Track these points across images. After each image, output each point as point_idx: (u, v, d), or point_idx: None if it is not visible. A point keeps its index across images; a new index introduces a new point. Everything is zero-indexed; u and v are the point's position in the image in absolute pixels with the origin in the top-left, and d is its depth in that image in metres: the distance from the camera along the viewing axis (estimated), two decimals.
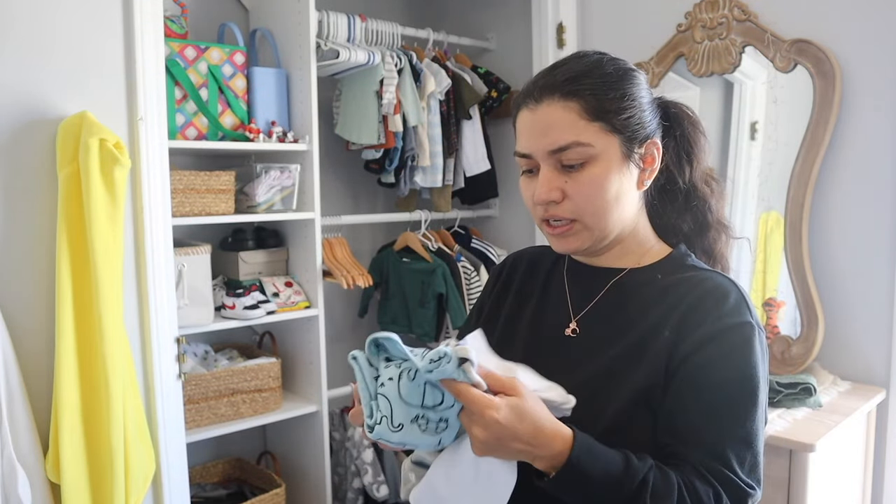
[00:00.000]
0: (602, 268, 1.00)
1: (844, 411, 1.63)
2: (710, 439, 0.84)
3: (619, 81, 0.93)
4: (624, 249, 0.99)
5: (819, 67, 1.82)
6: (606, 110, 0.91)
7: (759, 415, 0.86)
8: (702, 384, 0.86)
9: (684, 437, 0.85)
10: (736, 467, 0.83)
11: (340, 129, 2.38)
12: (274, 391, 2.13)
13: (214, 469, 2.35)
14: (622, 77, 0.94)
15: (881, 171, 1.79)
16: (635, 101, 0.93)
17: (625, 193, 0.94)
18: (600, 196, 0.91)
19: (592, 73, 0.93)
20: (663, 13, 2.15)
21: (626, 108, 0.92)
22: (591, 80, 0.92)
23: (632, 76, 0.95)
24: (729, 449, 0.83)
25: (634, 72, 0.97)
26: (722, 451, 0.83)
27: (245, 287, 2.11)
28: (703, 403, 0.85)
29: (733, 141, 2.07)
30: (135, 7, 1.55)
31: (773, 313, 1.95)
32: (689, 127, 1.04)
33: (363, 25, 2.31)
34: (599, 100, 0.91)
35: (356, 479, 2.24)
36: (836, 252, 1.87)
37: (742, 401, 0.85)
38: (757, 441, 0.85)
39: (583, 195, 0.91)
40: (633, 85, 0.94)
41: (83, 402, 1.45)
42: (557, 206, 0.93)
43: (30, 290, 1.46)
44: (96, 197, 1.42)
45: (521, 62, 2.55)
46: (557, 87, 0.92)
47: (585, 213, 0.92)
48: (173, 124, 1.93)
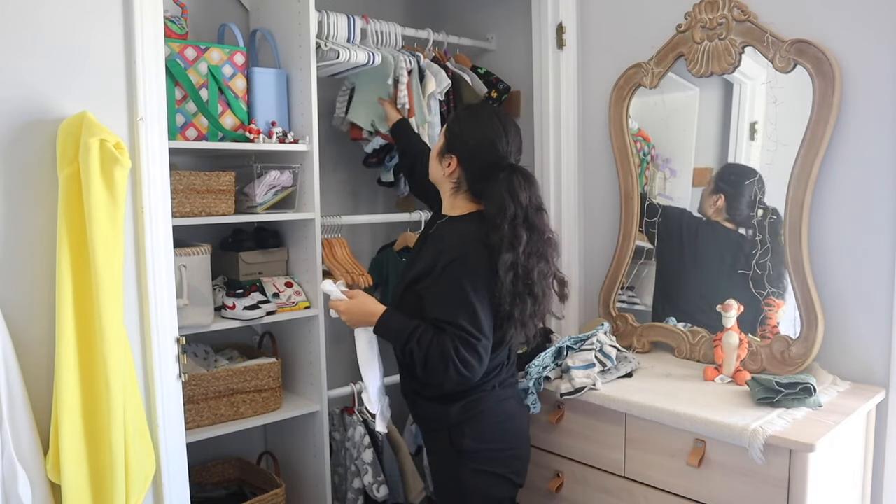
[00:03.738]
0: (442, 215, 1.81)
1: (844, 411, 1.64)
2: (450, 314, 1.59)
3: (469, 121, 1.75)
4: (448, 208, 1.79)
5: (818, 68, 1.82)
6: (450, 126, 1.78)
7: (475, 300, 1.57)
8: (444, 291, 1.62)
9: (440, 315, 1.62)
10: (465, 325, 1.56)
11: (354, 116, 2.38)
12: (274, 391, 2.13)
13: (214, 469, 2.35)
14: (473, 121, 1.74)
15: (881, 171, 1.79)
16: (463, 133, 1.73)
17: (436, 166, 1.78)
18: (432, 154, 1.83)
19: (470, 114, 1.79)
20: (663, 13, 2.16)
21: (455, 132, 1.74)
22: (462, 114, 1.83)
23: (480, 125, 1.72)
24: (463, 319, 1.57)
25: (487, 127, 1.71)
26: (462, 322, 1.57)
27: (245, 287, 2.11)
28: (448, 302, 1.61)
29: (733, 141, 2.07)
30: (135, 8, 1.55)
31: (772, 313, 1.95)
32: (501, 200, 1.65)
33: (369, 27, 2.33)
34: (454, 122, 1.78)
35: (356, 479, 2.24)
36: (836, 252, 1.87)
37: (462, 297, 1.58)
38: (476, 310, 1.57)
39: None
40: (473, 127, 1.73)
41: (83, 402, 1.45)
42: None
43: (30, 291, 1.46)
44: (96, 197, 1.42)
45: (521, 62, 2.55)
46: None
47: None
48: (173, 124, 1.93)
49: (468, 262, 1.61)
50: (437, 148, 1.78)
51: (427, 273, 1.66)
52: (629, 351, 2.14)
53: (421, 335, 1.59)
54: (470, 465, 1.68)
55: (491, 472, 1.70)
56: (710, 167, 2.12)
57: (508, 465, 1.73)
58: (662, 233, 2.22)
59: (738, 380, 1.87)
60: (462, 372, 1.56)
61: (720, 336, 1.91)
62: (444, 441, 1.71)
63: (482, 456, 1.69)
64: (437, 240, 1.74)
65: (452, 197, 1.77)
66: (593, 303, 2.40)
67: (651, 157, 2.27)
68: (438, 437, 1.74)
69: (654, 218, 2.23)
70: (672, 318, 2.19)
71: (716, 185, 2.09)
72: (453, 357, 1.55)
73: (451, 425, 1.69)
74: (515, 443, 1.75)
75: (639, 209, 2.26)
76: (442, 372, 1.56)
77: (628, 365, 1.98)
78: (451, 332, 1.57)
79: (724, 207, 2.08)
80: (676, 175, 2.21)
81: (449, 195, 1.77)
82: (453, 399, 1.68)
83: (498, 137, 1.68)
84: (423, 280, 1.67)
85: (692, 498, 1.67)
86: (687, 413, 1.65)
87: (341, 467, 2.31)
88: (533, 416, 1.94)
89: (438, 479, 1.80)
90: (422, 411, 1.78)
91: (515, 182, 1.62)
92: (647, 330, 2.23)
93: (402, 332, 1.62)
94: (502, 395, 1.73)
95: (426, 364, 1.58)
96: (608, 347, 1.98)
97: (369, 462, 2.22)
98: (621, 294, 2.33)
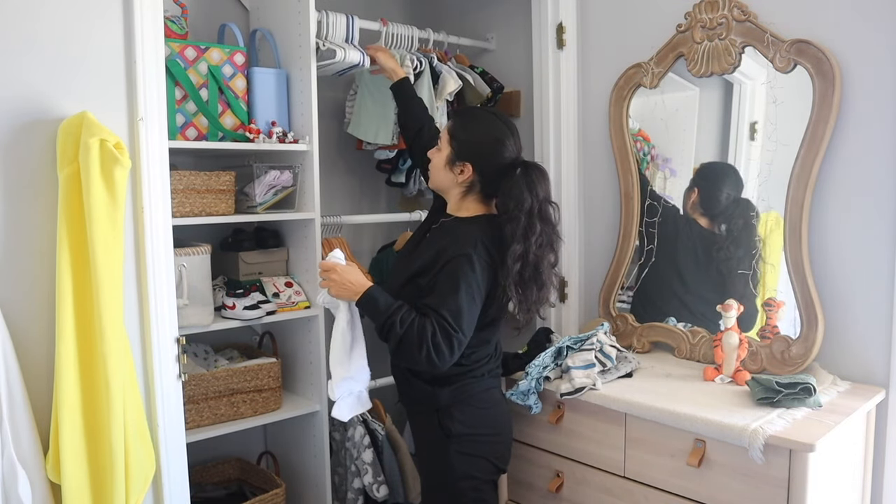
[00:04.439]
0: (447, 214, 1.85)
1: (844, 411, 1.64)
2: (440, 304, 1.63)
3: (475, 129, 1.78)
4: (454, 209, 1.82)
5: (818, 68, 1.82)
6: (456, 134, 1.78)
7: (464, 297, 1.62)
8: (443, 280, 1.66)
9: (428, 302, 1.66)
10: (446, 315, 1.60)
11: (354, 129, 2.38)
12: (274, 391, 2.13)
13: (214, 469, 2.35)
14: (477, 128, 1.78)
15: (881, 171, 1.79)
16: (471, 140, 1.76)
17: (443, 174, 1.80)
18: (434, 163, 1.83)
19: (472, 118, 1.81)
20: (663, 13, 2.16)
21: (464, 139, 1.76)
22: (463, 118, 1.82)
23: (486, 132, 1.77)
24: (445, 309, 1.61)
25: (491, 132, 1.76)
26: (443, 311, 1.61)
27: (245, 287, 2.11)
28: (440, 290, 1.65)
29: (733, 141, 2.07)
30: (135, 8, 1.55)
31: (772, 313, 1.95)
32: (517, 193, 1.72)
33: (384, 30, 2.33)
34: (457, 128, 1.78)
35: (356, 479, 2.24)
36: (836, 252, 1.87)
37: (454, 291, 1.62)
38: (462, 306, 1.62)
39: (432, 159, 1.85)
40: (481, 134, 1.77)
41: (83, 402, 1.45)
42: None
43: (30, 291, 1.46)
44: (96, 197, 1.42)
45: (522, 62, 2.55)
46: (457, 116, 1.86)
47: (430, 168, 1.85)
48: (173, 124, 1.94)
49: (470, 265, 1.66)
50: (443, 158, 1.78)
51: (430, 267, 1.71)
52: (629, 351, 2.14)
53: (404, 314, 1.63)
54: (457, 448, 1.74)
55: (478, 455, 1.76)
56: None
57: (494, 450, 1.80)
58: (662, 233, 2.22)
59: (738, 380, 1.87)
60: (432, 357, 1.60)
61: (720, 336, 1.91)
62: (432, 423, 1.76)
63: (470, 439, 1.75)
64: (442, 236, 1.77)
65: (461, 200, 1.80)
66: (593, 303, 2.40)
67: (651, 157, 2.27)
68: (426, 419, 1.78)
69: (654, 218, 2.23)
70: (672, 318, 2.19)
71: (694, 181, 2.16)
72: (429, 340, 1.59)
73: (440, 408, 1.74)
74: (502, 429, 1.83)
75: (639, 209, 2.26)
76: (415, 352, 1.60)
77: (628, 365, 1.98)
78: (433, 318, 1.62)
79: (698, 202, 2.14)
80: (676, 175, 2.21)
81: (457, 199, 1.81)
82: (444, 382, 1.73)
83: (505, 136, 1.75)
84: (425, 274, 1.71)
85: (692, 498, 1.67)
86: (687, 413, 1.65)
87: (341, 467, 2.31)
88: (533, 416, 1.94)
89: (424, 459, 1.85)
90: (411, 391, 1.81)
91: (533, 176, 1.71)
92: (647, 330, 2.23)
93: (386, 307, 1.65)
94: (490, 384, 1.81)
95: (401, 342, 1.61)
96: (608, 347, 1.98)
97: (369, 462, 2.22)
98: (621, 294, 2.33)
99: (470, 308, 1.64)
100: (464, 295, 1.63)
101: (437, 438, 1.76)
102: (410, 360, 1.65)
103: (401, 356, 1.69)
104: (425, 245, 1.82)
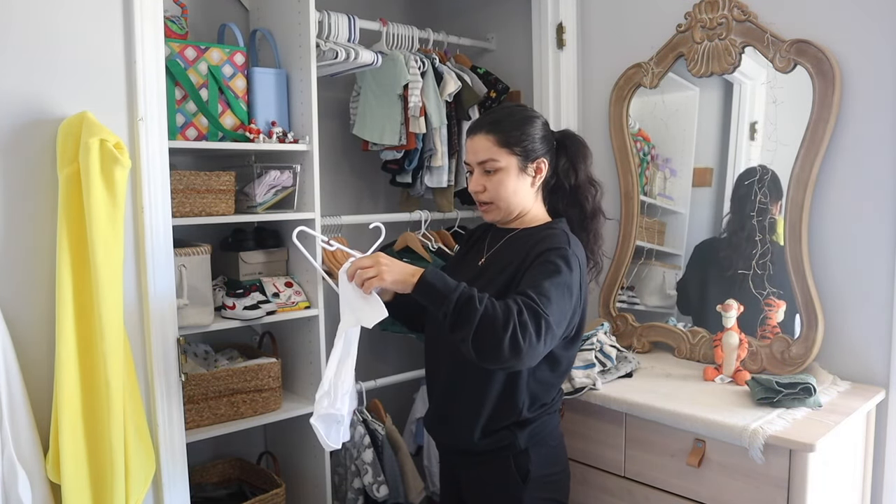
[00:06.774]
0: (507, 228, 1.67)
1: (844, 411, 1.64)
2: (527, 287, 1.43)
3: (521, 124, 1.59)
4: (522, 221, 1.66)
5: (818, 68, 1.82)
6: (510, 141, 1.58)
7: (555, 284, 1.43)
8: (533, 270, 1.48)
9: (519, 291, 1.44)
10: (534, 296, 1.39)
11: (359, 130, 2.38)
12: (274, 391, 2.13)
13: (214, 469, 2.35)
14: (523, 121, 1.60)
15: (880, 171, 1.79)
16: (529, 136, 1.59)
17: (521, 189, 1.61)
18: (503, 190, 1.60)
19: (504, 119, 1.61)
20: (663, 13, 2.16)
21: (522, 140, 1.58)
22: (503, 123, 1.60)
23: (531, 121, 1.61)
24: (532, 290, 1.40)
25: (534, 118, 1.63)
26: (530, 291, 1.41)
27: (245, 287, 2.11)
28: (528, 278, 1.46)
29: (733, 141, 2.07)
30: (135, 7, 1.55)
31: (772, 313, 1.95)
32: (577, 147, 1.67)
33: (384, 30, 2.33)
34: (506, 135, 1.58)
35: (356, 479, 2.24)
36: (836, 252, 1.87)
37: (545, 278, 1.43)
38: (552, 295, 1.41)
39: (493, 189, 1.60)
40: (530, 126, 1.60)
41: (83, 402, 1.45)
42: (482, 194, 1.62)
43: (30, 291, 1.46)
44: (96, 197, 1.42)
45: (521, 62, 2.55)
46: (484, 126, 1.61)
47: (496, 199, 1.61)
48: (173, 124, 1.93)
49: (565, 260, 1.48)
50: (512, 171, 1.58)
51: (515, 273, 1.53)
52: (629, 351, 2.14)
53: (478, 292, 1.40)
54: (534, 493, 1.58)
55: (552, 499, 1.63)
56: (710, 167, 2.12)
57: (564, 489, 1.67)
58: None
59: (738, 380, 1.87)
60: (518, 340, 1.33)
61: (720, 336, 1.91)
62: (506, 468, 1.57)
63: (546, 481, 1.60)
64: (519, 246, 1.58)
65: (532, 205, 1.65)
66: (593, 303, 2.40)
67: (651, 157, 2.27)
68: (499, 464, 1.58)
69: (654, 218, 2.23)
70: (672, 318, 2.19)
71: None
72: (515, 317, 1.34)
73: (517, 452, 1.57)
74: (566, 464, 1.69)
75: (639, 209, 2.26)
76: (500, 332, 1.32)
77: (628, 365, 1.98)
78: (517, 298, 1.39)
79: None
80: (676, 175, 2.21)
81: (530, 206, 1.64)
82: (523, 424, 1.56)
83: (540, 117, 1.65)
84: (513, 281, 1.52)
85: (692, 498, 1.67)
86: (687, 413, 1.65)
87: (341, 467, 2.31)
88: None
89: None
90: (482, 442, 1.58)
91: (579, 141, 1.70)
92: (647, 330, 2.23)
93: (457, 284, 1.40)
94: (557, 420, 1.67)
95: (480, 321, 1.34)
96: (608, 347, 1.98)
97: (369, 462, 2.22)
98: (621, 294, 2.33)
99: (560, 300, 1.42)
100: (555, 285, 1.42)
101: (511, 485, 1.57)
102: (489, 346, 1.34)
103: (478, 342, 1.35)
104: (492, 260, 1.63)
